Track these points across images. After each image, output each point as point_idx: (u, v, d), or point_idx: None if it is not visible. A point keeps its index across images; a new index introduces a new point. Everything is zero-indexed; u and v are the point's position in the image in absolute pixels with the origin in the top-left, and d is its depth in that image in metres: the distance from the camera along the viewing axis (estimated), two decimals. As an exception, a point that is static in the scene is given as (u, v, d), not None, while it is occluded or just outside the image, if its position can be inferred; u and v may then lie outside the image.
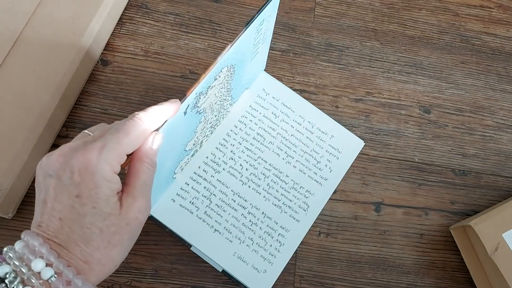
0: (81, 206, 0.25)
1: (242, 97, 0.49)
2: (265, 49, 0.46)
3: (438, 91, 0.56)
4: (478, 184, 0.52)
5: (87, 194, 0.25)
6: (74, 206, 0.25)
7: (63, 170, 0.26)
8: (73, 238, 0.26)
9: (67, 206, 0.25)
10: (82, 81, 0.49)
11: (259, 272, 0.43)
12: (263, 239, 0.44)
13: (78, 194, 0.25)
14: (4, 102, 0.43)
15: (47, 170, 0.26)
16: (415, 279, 0.48)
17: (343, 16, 0.58)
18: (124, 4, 0.53)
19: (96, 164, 0.25)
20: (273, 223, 0.45)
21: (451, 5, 0.61)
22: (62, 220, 0.26)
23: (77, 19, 0.47)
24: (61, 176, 0.26)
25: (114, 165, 0.26)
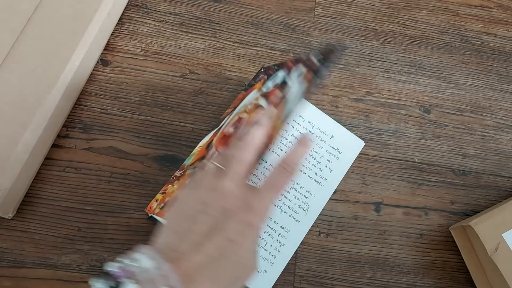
0: (230, 251, 0.27)
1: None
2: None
3: (438, 91, 0.56)
4: (478, 184, 0.52)
5: (240, 243, 0.27)
6: (223, 251, 0.26)
7: (226, 218, 0.27)
8: (206, 275, 0.26)
9: (214, 248, 0.26)
10: (82, 81, 0.49)
11: (258, 272, 0.43)
12: (263, 239, 0.44)
13: (232, 239, 0.27)
14: (4, 102, 0.43)
15: (208, 207, 0.28)
16: (415, 279, 0.48)
17: (343, 16, 0.58)
18: (124, 4, 0.53)
19: (258, 228, 0.28)
20: (273, 223, 0.45)
21: (451, 5, 0.61)
22: (206, 257, 0.26)
23: (77, 19, 0.47)
24: (223, 222, 0.27)
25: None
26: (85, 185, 0.46)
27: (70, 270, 0.44)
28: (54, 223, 0.45)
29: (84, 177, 0.47)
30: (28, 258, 0.43)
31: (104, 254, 0.44)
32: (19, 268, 0.43)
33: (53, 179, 0.46)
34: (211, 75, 0.53)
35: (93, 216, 0.45)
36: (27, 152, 0.42)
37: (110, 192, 0.47)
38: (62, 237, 0.45)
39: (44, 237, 0.44)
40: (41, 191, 0.46)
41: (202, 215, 0.27)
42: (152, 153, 0.48)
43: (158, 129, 0.49)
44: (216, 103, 0.51)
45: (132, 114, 0.50)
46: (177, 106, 0.51)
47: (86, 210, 0.46)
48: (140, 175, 0.47)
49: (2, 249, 0.44)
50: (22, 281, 0.43)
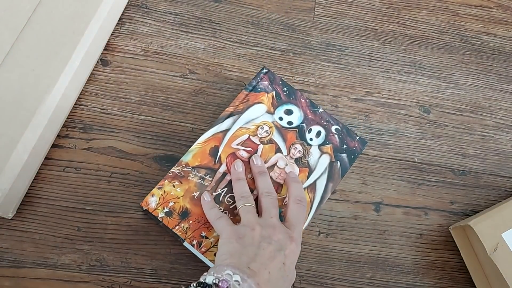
0: (283, 271, 0.37)
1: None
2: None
3: (437, 91, 0.56)
4: (478, 184, 0.52)
5: (288, 264, 0.38)
6: (280, 269, 0.37)
7: (280, 246, 0.38)
8: (271, 286, 0.36)
9: (275, 267, 0.36)
10: (82, 81, 0.49)
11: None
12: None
13: (285, 262, 0.37)
14: (4, 102, 0.43)
15: (269, 238, 0.38)
16: (415, 279, 0.48)
17: (343, 15, 0.58)
18: (124, 4, 0.53)
19: (298, 252, 0.40)
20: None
21: (451, 5, 0.61)
22: (270, 274, 0.36)
23: (77, 19, 0.47)
24: (279, 249, 0.37)
25: None
26: (85, 185, 0.46)
27: (70, 270, 0.44)
28: (54, 223, 0.45)
29: (84, 177, 0.47)
30: (28, 258, 0.43)
31: (104, 254, 0.44)
32: (19, 268, 0.43)
33: (53, 179, 0.46)
34: (211, 75, 0.53)
35: (93, 216, 0.45)
36: (27, 152, 0.42)
37: (110, 192, 0.47)
38: (62, 237, 0.45)
39: (44, 237, 0.44)
40: (41, 191, 0.46)
41: (265, 243, 0.37)
42: (152, 153, 0.48)
43: (158, 129, 0.49)
44: (216, 103, 0.51)
45: (132, 114, 0.50)
46: (177, 106, 0.51)
47: (86, 210, 0.46)
48: (140, 175, 0.47)
49: (2, 249, 0.44)
50: (22, 281, 0.43)
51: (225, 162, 0.45)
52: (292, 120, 0.47)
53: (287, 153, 0.46)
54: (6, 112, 0.43)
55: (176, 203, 0.42)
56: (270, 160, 0.45)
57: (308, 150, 0.46)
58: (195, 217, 0.42)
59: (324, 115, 0.48)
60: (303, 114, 0.47)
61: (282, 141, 0.46)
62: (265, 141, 0.46)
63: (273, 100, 0.48)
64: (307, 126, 0.47)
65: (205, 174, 0.44)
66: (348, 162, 0.47)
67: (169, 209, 0.42)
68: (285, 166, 0.45)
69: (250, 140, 0.46)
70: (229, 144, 0.45)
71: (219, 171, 0.44)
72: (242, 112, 0.47)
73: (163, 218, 0.42)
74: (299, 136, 0.47)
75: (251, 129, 0.46)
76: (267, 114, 0.47)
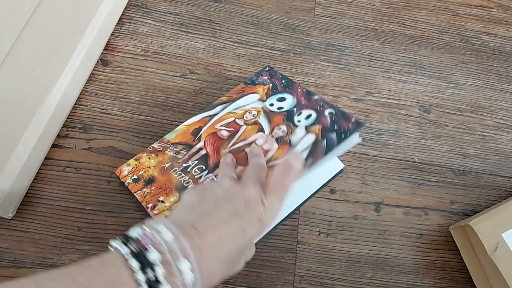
0: (239, 240, 0.30)
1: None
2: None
3: (438, 91, 0.56)
4: (478, 184, 0.52)
5: (249, 233, 0.31)
6: (235, 236, 0.30)
7: (244, 210, 0.31)
8: (214, 254, 0.29)
9: (229, 232, 0.30)
10: (82, 81, 0.49)
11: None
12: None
13: (244, 229, 0.31)
14: (4, 102, 0.43)
15: (233, 197, 0.32)
16: (415, 279, 0.48)
17: (343, 15, 0.58)
18: (124, 4, 0.53)
19: (266, 225, 0.32)
20: None
21: (451, 5, 0.61)
22: (219, 238, 0.29)
23: (77, 19, 0.47)
24: (242, 213, 0.31)
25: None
26: (85, 185, 0.46)
27: (70, 270, 0.44)
28: (54, 223, 0.45)
29: (84, 177, 0.47)
30: (28, 258, 0.43)
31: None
32: (19, 268, 0.43)
33: (53, 179, 0.46)
34: (211, 75, 0.53)
35: (93, 216, 0.45)
36: (27, 152, 0.42)
37: (110, 192, 0.47)
38: (62, 237, 0.45)
39: (44, 237, 0.44)
40: (41, 191, 0.46)
41: (227, 202, 0.31)
42: (152, 153, 0.48)
43: (158, 129, 0.49)
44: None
45: (132, 114, 0.50)
46: (177, 106, 0.51)
47: (86, 210, 0.46)
48: (140, 175, 0.47)
49: (2, 249, 0.44)
50: (22, 281, 0.43)
51: (203, 140, 0.44)
52: (283, 106, 0.46)
53: (269, 133, 0.44)
54: (6, 112, 0.43)
55: (146, 172, 0.43)
56: (249, 138, 0.44)
57: (293, 130, 0.44)
58: (158, 184, 0.42)
59: (320, 101, 0.45)
60: (296, 100, 0.46)
61: (267, 123, 0.45)
62: (249, 123, 0.45)
63: (268, 91, 0.47)
64: (298, 110, 0.45)
65: (181, 149, 0.44)
66: (337, 140, 0.42)
67: (137, 177, 0.43)
68: (264, 144, 0.43)
69: (235, 122, 0.45)
70: (213, 125, 0.45)
71: (196, 147, 0.44)
72: (234, 100, 0.47)
73: (129, 184, 0.42)
74: (287, 118, 0.45)
75: (239, 113, 0.46)
76: (259, 101, 0.46)
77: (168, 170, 0.43)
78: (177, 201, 0.41)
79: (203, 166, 0.43)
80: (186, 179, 0.42)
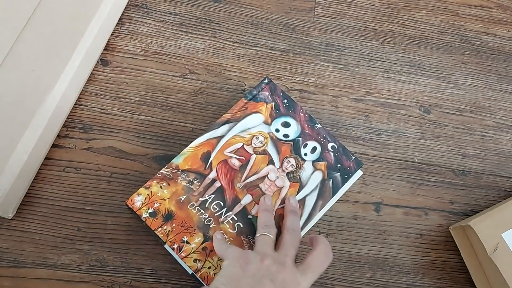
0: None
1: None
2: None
3: (438, 91, 0.56)
4: (478, 184, 0.52)
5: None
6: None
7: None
8: None
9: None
10: (82, 81, 0.49)
11: None
12: None
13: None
14: (4, 102, 0.43)
15: (274, 276, 0.36)
16: (415, 279, 0.48)
17: (343, 16, 0.58)
18: (124, 4, 0.53)
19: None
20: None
21: (451, 5, 0.61)
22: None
23: (77, 19, 0.47)
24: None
25: None
26: (85, 185, 0.46)
27: (70, 270, 0.44)
28: (54, 223, 0.45)
29: (84, 177, 0.47)
30: (28, 258, 0.43)
31: (104, 254, 0.44)
32: (19, 268, 0.43)
33: (53, 179, 0.46)
34: (211, 75, 0.53)
35: (93, 216, 0.45)
36: (27, 152, 0.43)
37: (110, 192, 0.47)
38: (62, 237, 0.45)
39: (44, 237, 0.44)
40: (41, 191, 0.46)
41: (268, 280, 0.35)
42: (152, 153, 0.48)
43: (158, 129, 0.50)
44: (216, 103, 0.51)
45: (132, 114, 0.50)
46: (177, 106, 0.51)
47: (86, 210, 0.46)
48: (140, 175, 0.47)
49: (2, 249, 0.44)
50: (22, 281, 0.43)
51: (215, 169, 0.44)
52: (288, 133, 0.47)
53: (279, 166, 0.45)
54: (6, 112, 0.43)
55: (162, 205, 0.42)
56: (261, 171, 0.45)
57: (301, 165, 0.46)
58: (178, 220, 0.42)
59: (322, 132, 0.47)
60: (300, 128, 0.47)
61: (276, 153, 0.46)
62: (259, 151, 0.46)
63: (271, 111, 0.47)
64: (303, 141, 0.47)
65: (194, 179, 0.43)
66: (341, 181, 0.46)
67: (153, 210, 0.41)
68: (276, 179, 0.45)
69: (244, 149, 0.45)
70: (221, 150, 0.45)
71: (209, 177, 0.43)
72: (239, 120, 0.46)
73: (146, 219, 0.41)
74: (294, 150, 0.46)
75: (246, 138, 0.46)
76: (264, 125, 0.47)
77: (186, 204, 0.42)
78: (202, 242, 0.41)
79: (221, 202, 0.43)
80: (207, 217, 0.42)
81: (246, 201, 0.44)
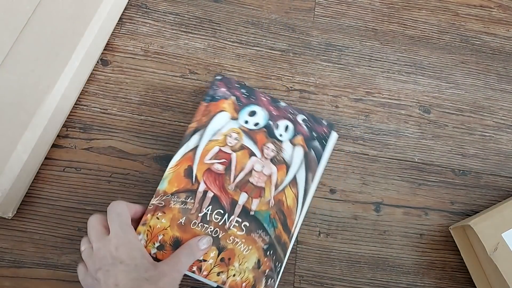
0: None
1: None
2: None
3: (438, 91, 0.56)
4: (478, 184, 0.52)
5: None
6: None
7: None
8: None
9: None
10: (82, 81, 0.49)
11: None
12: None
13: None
14: (4, 102, 0.43)
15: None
16: (415, 279, 0.48)
17: (343, 16, 0.58)
18: (124, 4, 0.53)
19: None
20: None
21: (451, 5, 0.61)
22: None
23: (77, 19, 0.47)
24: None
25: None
26: (85, 185, 0.46)
27: (70, 270, 0.44)
28: (54, 223, 0.45)
29: (84, 177, 0.47)
30: (28, 258, 0.44)
31: (104, 254, 0.44)
32: (19, 268, 0.43)
33: (53, 179, 0.46)
34: (211, 75, 0.53)
35: (93, 216, 0.45)
36: (27, 152, 0.43)
37: (110, 192, 0.47)
38: (62, 237, 0.45)
39: (44, 237, 0.44)
40: (41, 191, 0.46)
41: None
42: (152, 153, 0.48)
43: (158, 129, 0.50)
44: (216, 103, 0.51)
45: (132, 114, 0.50)
46: (177, 106, 0.51)
47: (86, 210, 0.46)
48: (140, 175, 0.47)
49: (2, 249, 0.44)
50: (22, 281, 0.43)
51: (202, 180, 0.43)
52: (257, 121, 0.46)
53: (261, 155, 0.45)
54: (6, 113, 0.43)
55: (165, 235, 0.41)
56: (247, 166, 0.44)
57: (281, 147, 0.46)
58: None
59: (288, 108, 0.47)
60: (267, 112, 0.47)
61: (253, 144, 0.45)
62: (237, 148, 0.45)
63: (234, 105, 0.46)
64: (274, 123, 0.46)
65: (186, 198, 0.42)
66: (321, 148, 0.46)
67: (160, 243, 0.40)
68: (263, 168, 0.45)
69: (222, 151, 0.44)
70: (201, 161, 0.44)
71: (199, 191, 0.43)
72: (206, 125, 0.45)
73: (156, 254, 0.40)
74: (269, 135, 0.46)
75: (220, 139, 0.45)
76: (232, 121, 0.46)
77: (188, 225, 0.41)
78: (218, 255, 0.41)
79: (220, 210, 0.43)
80: (212, 229, 0.42)
81: (243, 200, 0.43)
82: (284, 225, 0.43)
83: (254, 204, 0.44)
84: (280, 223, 0.43)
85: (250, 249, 0.42)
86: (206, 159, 0.44)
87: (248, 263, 0.41)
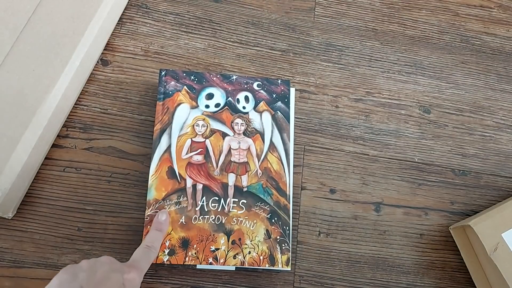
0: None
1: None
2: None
3: (438, 91, 0.56)
4: (478, 184, 0.52)
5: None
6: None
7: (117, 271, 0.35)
8: None
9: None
10: (82, 81, 0.49)
11: None
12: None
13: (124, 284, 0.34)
14: (4, 102, 0.43)
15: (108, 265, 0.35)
16: (415, 279, 0.48)
17: (343, 16, 0.58)
18: (124, 4, 0.53)
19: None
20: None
21: (451, 5, 0.61)
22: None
23: (77, 19, 0.47)
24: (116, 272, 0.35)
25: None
26: (85, 185, 0.46)
27: (70, 270, 0.44)
28: (54, 223, 0.45)
29: (84, 177, 0.47)
30: (28, 258, 0.44)
31: (104, 254, 0.44)
32: (19, 268, 0.43)
33: (53, 179, 0.46)
34: (211, 75, 0.53)
35: (93, 216, 0.46)
36: (27, 152, 0.43)
37: (110, 192, 0.47)
38: (62, 237, 0.45)
39: (44, 237, 0.44)
40: (41, 191, 0.46)
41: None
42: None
43: (158, 129, 0.49)
44: (216, 103, 0.51)
45: (132, 114, 0.50)
46: (177, 106, 0.51)
47: (86, 210, 0.46)
48: (140, 175, 0.47)
49: (2, 249, 0.44)
50: (22, 281, 0.43)
51: (187, 176, 0.44)
52: (217, 101, 0.47)
53: (233, 133, 0.46)
54: (6, 112, 0.43)
55: (172, 239, 0.42)
56: (224, 148, 0.45)
57: (248, 118, 0.47)
58: (195, 239, 0.42)
59: (240, 79, 0.48)
60: (222, 90, 0.47)
61: (221, 125, 0.46)
62: (208, 134, 0.46)
63: (189, 94, 0.47)
64: (233, 98, 0.47)
65: (178, 198, 0.43)
66: (286, 106, 0.48)
67: (169, 248, 0.41)
68: (239, 144, 0.46)
69: (195, 142, 0.45)
70: (179, 158, 0.44)
71: (188, 187, 0.43)
72: (171, 122, 0.45)
73: (170, 260, 0.41)
74: (233, 111, 0.47)
75: (189, 132, 0.45)
76: (193, 110, 0.46)
77: (190, 223, 0.42)
78: (228, 239, 0.42)
79: (215, 197, 0.43)
80: (214, 217, 0.43)
81: (232, 180, 0.44)
82: (278, 189, 0.44)
83: (244, 180, 0.44)
84: (274, 189, 0.45)
85: (255, 223, 0.43)
86: (182, 154, 0.45)
87: (259, 237, 0.43)
